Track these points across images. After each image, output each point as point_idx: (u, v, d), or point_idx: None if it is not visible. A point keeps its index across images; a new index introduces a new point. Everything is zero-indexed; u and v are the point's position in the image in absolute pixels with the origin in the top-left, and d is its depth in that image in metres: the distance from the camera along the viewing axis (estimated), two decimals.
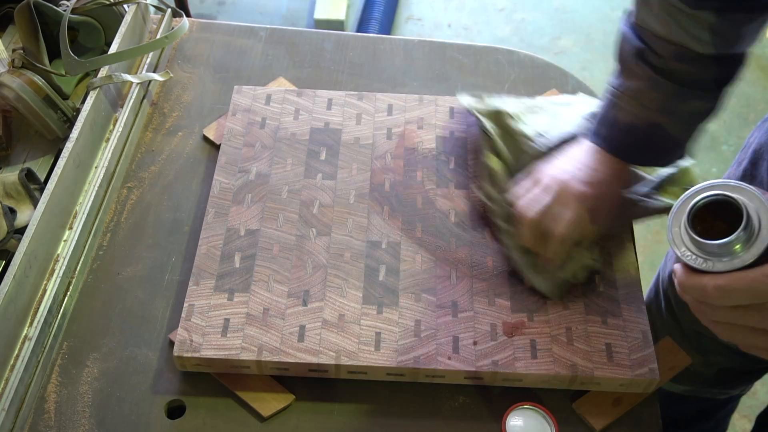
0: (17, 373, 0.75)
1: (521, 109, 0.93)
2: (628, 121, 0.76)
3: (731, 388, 1.13)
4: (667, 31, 0.71)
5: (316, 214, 0.87)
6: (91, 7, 0.99)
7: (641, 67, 0.73)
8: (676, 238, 0.54)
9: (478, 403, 0.78)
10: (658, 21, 0.71)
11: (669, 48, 0.71)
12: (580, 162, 0.79)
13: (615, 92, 0.76)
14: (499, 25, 2.36)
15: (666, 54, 0.72)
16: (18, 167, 0.91)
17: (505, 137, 0.90)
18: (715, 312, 0.52)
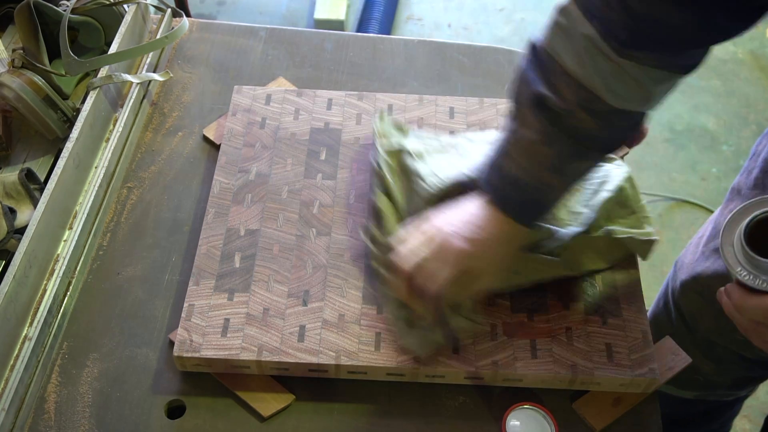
0: (17, 373, 0.75)
1: (433, 146, 0.88)
2: (515, 175, 0.70)
3: (740, 390, 1.12)
4: (582, 73, 0.64)
5: (316, 214, 0.87)
6: (91, 7, 0.99)
7: (538, 118, 0.67)
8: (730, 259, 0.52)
9: (478, 403, 0.78)
10: (575, 58, 0.64)
11: (578, 92, 0.65)
12: (468, 214, 0.72)
13: (509, 138, 0.70)
14: (499, 25, 2.36)
15: (572, 98, 0.65)
16: (18, 167, 0.91)
17: (399, 175, 0.86)
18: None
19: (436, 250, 0.71)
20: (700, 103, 2.11)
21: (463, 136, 0.91)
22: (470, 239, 0.71)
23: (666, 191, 1.93)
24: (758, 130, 2.05)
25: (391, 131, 0.90)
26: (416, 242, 0.73)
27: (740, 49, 2.23)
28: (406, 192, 0.85)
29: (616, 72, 0.63)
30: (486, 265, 0.73)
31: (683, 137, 2.04)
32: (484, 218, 0.71)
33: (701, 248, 0.94)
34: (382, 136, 0.89)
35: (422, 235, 0.73)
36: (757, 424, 1.56)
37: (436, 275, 0.71)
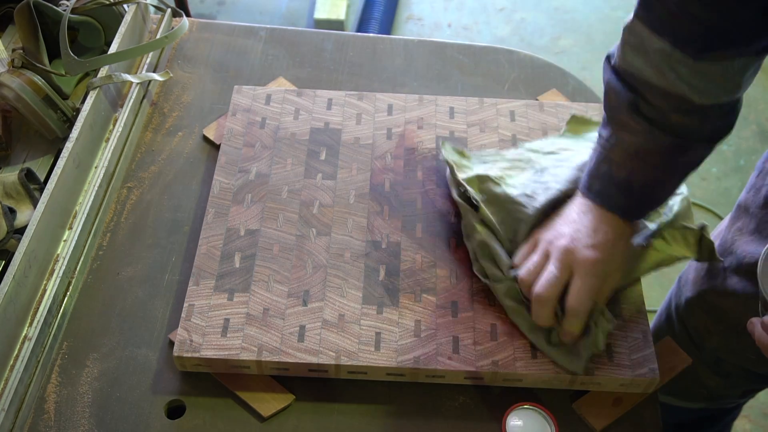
0: (17, 373, 0.75)
1: (503, 166, 0.87)
2: (624, 177, 0.72)
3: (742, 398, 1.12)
4: (666, 83, 0.66)
5: (316, 214, 0.87)
6: (91, 7, 0.98)
7: (636, 120, 0.69)
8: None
9: (478, 403, 0.78)
10: (654, 71, 0.67)
11: (667, 100, 0.67)
12: (580, 224, 0.74)
13: (606, 145, 0.73)
14: (499, 25, 2.36)
15: (663, 105, 0.68)
16: (18, 167, 0.91)
17: (491, 205, 0.84)
18: None
19: (564, 264, 0.73)
20: None
21: (524, 147, 0.91)
22: (593, 245, 0.73)
23: None
24: (758, 130, 2.05)
25: (458, 159, 0.89)
26: (540, 263, 0.75)
27: None
28: (503, 219, 0.82)
29: (698, 74, 0.65)
30: (611, 265, 0.74)
31: None
32: (596, 221, 0.74)
33: (707, 265, 0.93)
34: (457, 166, 0.87)
35: (542, 255, 0.75)
36: (758, 424, 1.56)
37: (573, 288, 0.73)
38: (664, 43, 0.65)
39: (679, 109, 0.68)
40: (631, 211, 0.75)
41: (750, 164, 1.98)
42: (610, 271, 0.74)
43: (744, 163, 1.99)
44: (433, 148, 0.94)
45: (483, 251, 0.81)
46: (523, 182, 0.85)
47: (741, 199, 0.90)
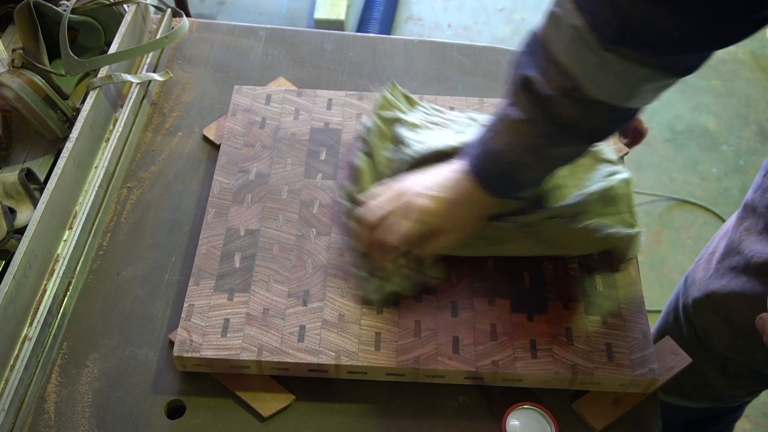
0: (17, 373, 0.75)
1: (433, 121, 0.89)
2: (495, 149, 0.73)
3: (747, 396, 1.12)
4: (568, 62, 0.66)
5: (316, 214, 0.87)
6: (91, 7, 0.98)
7: (525, 97, 0.69)
8: None
9: (478, 403, 0.78)
10: (562, 46, 0.66)
11: (561, 80, 0.67)
12: (438, 177, 0.76)
13: (497, 115, 0.73)
14: (499, 25, 2.36)
15: (556, 84, 0.67)
16: (18, 167, 0.91)
17: (387, 142, 0.88)
18: None
19: (400, 206, 0.75)
20: (700, 103, 2.11)
21: (467, 115, 0.93)
22: (435, 198, 0.74)
23: (666, 191, 1.93)
24: (758, 130, 2.05)
25: (400, 101, 0.92)
26: (384, 198, 0.77)
27: (740, 49, 2.23)
28: (391, 157, 0.87)
29: (600, 65, 0.65)
30: (449, 225, 0.75)
31: (683, 137, 2.04)
32: (454, 180, 0.75)
33: (714, 265, 0.92)
34: (386, 104, 0.91)
35: (391, 192, 0.77)
36: (758, 424, 1.56)
37: (397, 228, 0.74)
38: (581, 22, 0.64)
39: (569, 95, 0.67)
40: (492, 184, 0.74)
41: (750, 164, 1.98)
42: (442, 227, 0.75)
43: (744, 163, 1.99)
44: None
45: (353, 175, 0.88)
46: (432, 135, 0.87)
47: (748, 199, 0.89)
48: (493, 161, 0.73)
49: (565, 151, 0.73)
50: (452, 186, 0.75)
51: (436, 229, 0.75)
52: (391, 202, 0.76)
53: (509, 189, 0.76)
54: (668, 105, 2.09)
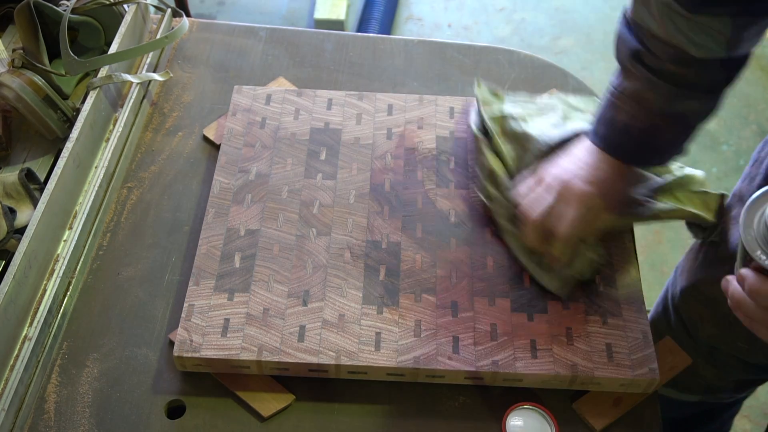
0: (17, 373, 0.75)
1: (531, 110, 0.92)
2: (625, 121, 0.76)
3: (741, 392, 1.12)
4: (665, 33, 0.70)
5: (316, 214, 0.87)
6: (91, 7, 0.99)
7: (638, 68, 0.73)
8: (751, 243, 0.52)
9: (478, 403, 0.78)
10: (656, 21, 0.70)
11: (666, 49, 0.71)
12: (582, 161, 0.78)
13: (614, 92, 0.76)
14: (499, 25, 2.36)
15: (663, 55, 0.71)
16: (18, 167, 0.91)
17: (505, 137, 0.90)
18: None
19: (559, 195, 0.78)
20: None
21: (559, 98, 0.95)
22: (589, 180, 0.77)
23: None
24: (758, 130, 2.05)
25: (489, 98, 0.93)
26: (539, 191, 0.80)
27: None
28: (517, 154, 0.88)
29: (695, 27, 0.68)
30: (605, 202, 0.78)
31: None
32: (597, 160, 0.78)
33: (701, 255, 0.94)
34: (484, 103, 0.92)
35: (543, 184, 0.80)
36: (758, 424, 1.56)
37: (564, 216, 0.77)
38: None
39: (676, 60, 0.71)
40: (630, 156, 0.78)
41: None
42: (603, 207, 0.78)
43: (744, 163, 1.98)
44: (434, 147, 0.94)
45: (489, 177, 0.88)
46: (543, 125, 0.89)
47: (736, 189, 0.91)
48: (626, 135, 0.76)
49: (692, 106, 0.74)
50: (600, 165, 0.78)
51: (598, 209, 0.78)
52: (548, 194, 0.79)
53: (650, 157, 0.79)
54: None
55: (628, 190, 0.81)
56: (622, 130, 0.76)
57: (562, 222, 0.77)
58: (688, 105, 0.74)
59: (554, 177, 0.79)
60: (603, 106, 0.78)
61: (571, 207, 0.77)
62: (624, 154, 0.77)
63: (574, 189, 0.77)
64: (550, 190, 0.78)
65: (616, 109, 0.76)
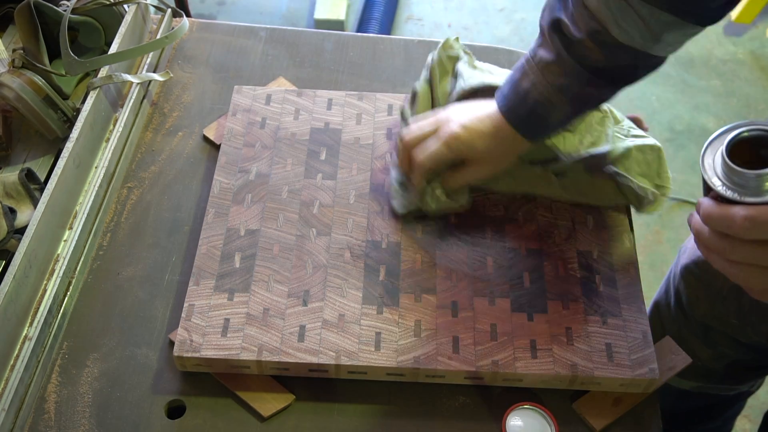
0: (17, 373, 0.75)
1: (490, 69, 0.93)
2: (526, 88, 0.76)
3: (739, 383, 1.12)
4: (597, 6, 0.70)
5: (316, 214, 0.87)
6: (91, 7, 0.99)
7: (554, 39, 0.74)
8: (708, 169, 0.54)
9: (478, 403, 0.78)
10: None
11: (589, 22, 0.71)
12: (473, 110, 0.82)
13: (528, 58, 0.77)
14: (499, 25, 2.36)
15: (583, 27, 0.71)
16: (18, 167, 0.91)
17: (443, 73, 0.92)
18: (734, 249, 0.52)
19: (435, 129, 0.83)
20: (700, 103, 2.11)
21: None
22: (467, 127, 0.80)
23: None
24: None
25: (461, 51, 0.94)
26: (426, 121, 0.84)
27: (740, 49, 2.23)
28: (448, 89, 0.91)
29: (625, 8, 0.68)
30: (479, 157, 0.81)
31: (683, 137, 2.04)
32: (489, 116, 0.80)
33: None
34: (450, 46, 0.93)
35: (434, 117, 0.84)
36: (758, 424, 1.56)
37: (426, 148, 0.82)
38: None
39: (594, 37, 0.71)
40: (520, 124, 0.78)
41: None
42: (471, 157, 0.81)
43: None
44: None
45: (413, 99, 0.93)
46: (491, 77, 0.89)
47: None
48: (521, 100, 0.77)
49: (592, 94, 0.76)
50: (486, 120, 0.80)
51: (466, 159, 0.82)
52: (429, 126, 0.83)
53: (537, 129, 0.79)
54: (668, 105, 2.09)
55: (499, 153, 0.82)
56: (521, 95, 0.77)
57: (422, 152, 0.82)
58: (588, 92, 0.75)
59: (446, 114, 0.83)
60: (515, 68, 0.79)
61: (437, 143, 0.81)
62: (513, 117, 0.78)
63: (449, 128, 0.81)
64: (432, 124, 0.83)
65: (524, 74, 0.77)
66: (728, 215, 0.51)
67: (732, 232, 0.51)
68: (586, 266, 0.84)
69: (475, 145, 0.80)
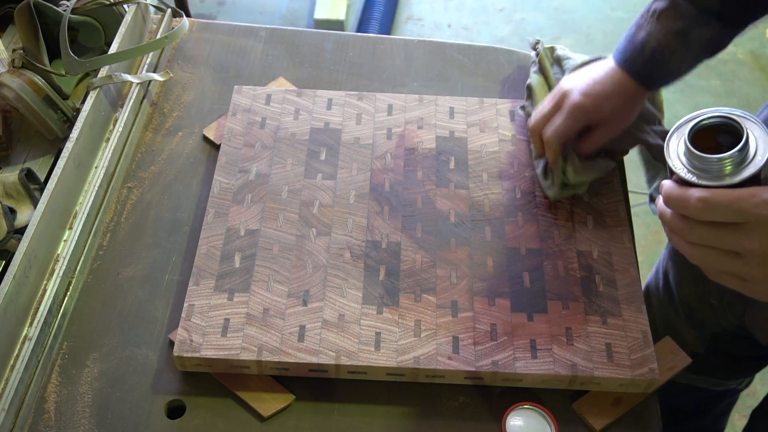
0: (17, 373, 0.75)
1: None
2: (643, 38, 0.78)
3: (725, 376, 1.13)
4: None
5: (316, 214, 0.87)
6: (91, 7, 0.99)
7: None
8: (672, 152, 0.57)
9: (478, 403, 0.78)
10: None
11: None
12: (590, 75, 0.83)
13: (643, 13, 0.79)
14: (499, 25, 2.36)
15: None
16: (18, 167, 0.91)
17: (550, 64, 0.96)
18: (692, 230, 0.55)
19: (555, 104, 0.84)
20: (700, 103, 2.11)
21: None
22: (587, 93, 0.81)
23: None
24: None
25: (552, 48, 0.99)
26: (546, 101, 0.86)
27: (740, 49, 2.23)
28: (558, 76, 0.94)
29: None
30: (604, 118, 0.82)
31: None
32: (605, 76, 0.82)
33: None
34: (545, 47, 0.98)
35: (550, 96, 0.86)
36: None
37: (553, 123, 0.83)
38: None
39: None
40: (640, 73, 0.80)
41: None
42: (595, 120, 0.83)
43: None
44: (434, 148, 0.94)
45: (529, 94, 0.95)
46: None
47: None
48: (639, 50, 0.79)
49: (707, 36, 0.77)
50: (604, 79, 0.81)
51: (593, 124, 0.83)
52: (549, 104, 0.85)
53: (656, 77, 0.81)
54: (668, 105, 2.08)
55: (624, 110, 0.83)
56: (638, 45, 0.79)
57: (549, 127, 0.83)
58: (702, 32, 0.76)
59: (559, 88, 0.85)
60: (630, 27, 0.81)
61: (561, 115, 0.82)
62: (632, 67, 0.80)
63: (568, 99, 0.82)
64: (551, 99, 0.84)
65: (639, 27, 0.79)
66: (685, 196, 0.54)
67: (688, 213, 0.54)
68: (586, 266, 0.84)
69: (600, 107, 0.81)
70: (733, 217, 0.52)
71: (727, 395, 1.21)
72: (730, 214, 0.52)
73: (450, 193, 0.89)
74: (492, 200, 0.89)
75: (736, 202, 0.52)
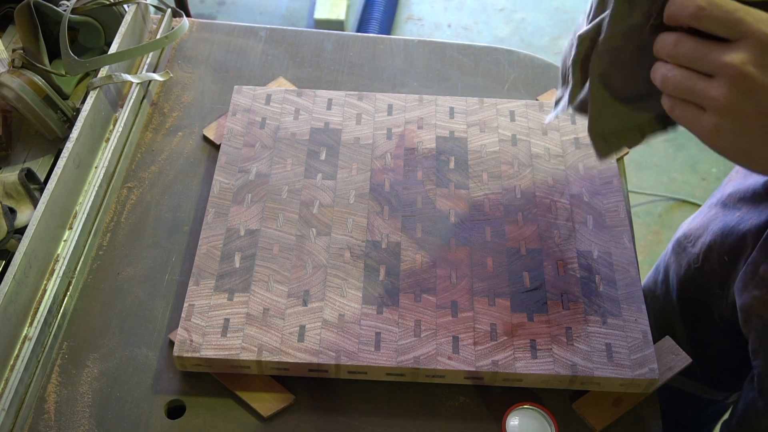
0: (17, 373, 0.75)
1: None
2: None
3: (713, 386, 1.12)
4: None
5: (316, 214, 0.87)
6: (91, 7, 0.99)
7: None
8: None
9: (478, 403, 0.78)
10: None
11: None
12: None
13: None
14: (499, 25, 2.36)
15: None
16: (18, 167, 0.91)
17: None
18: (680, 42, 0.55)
19: None
20: None
21: None
22: None
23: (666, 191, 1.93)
24: None
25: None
26: None
27: None
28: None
29: None
30: None
31: (683, 137, 2.04)
32: None
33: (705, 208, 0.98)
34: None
35: None
36: None
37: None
38: None
39: None
40: None
41: None
42: None
43: None
44: (434, 148, 0.94)
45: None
46: None
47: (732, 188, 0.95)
48: None
49: None
50: None
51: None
52: None
53: None
54: None
55: None
56: None
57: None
58: None
59: None
60: None
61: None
62: None
63: None
64: None
65: None
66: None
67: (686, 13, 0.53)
68: (586, 266, 0.84)
69: None
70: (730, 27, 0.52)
71: (711, 404, 1.20)
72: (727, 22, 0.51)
73: (450, 193, 0.89)
74: (492, 200, 0.89)
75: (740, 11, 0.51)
